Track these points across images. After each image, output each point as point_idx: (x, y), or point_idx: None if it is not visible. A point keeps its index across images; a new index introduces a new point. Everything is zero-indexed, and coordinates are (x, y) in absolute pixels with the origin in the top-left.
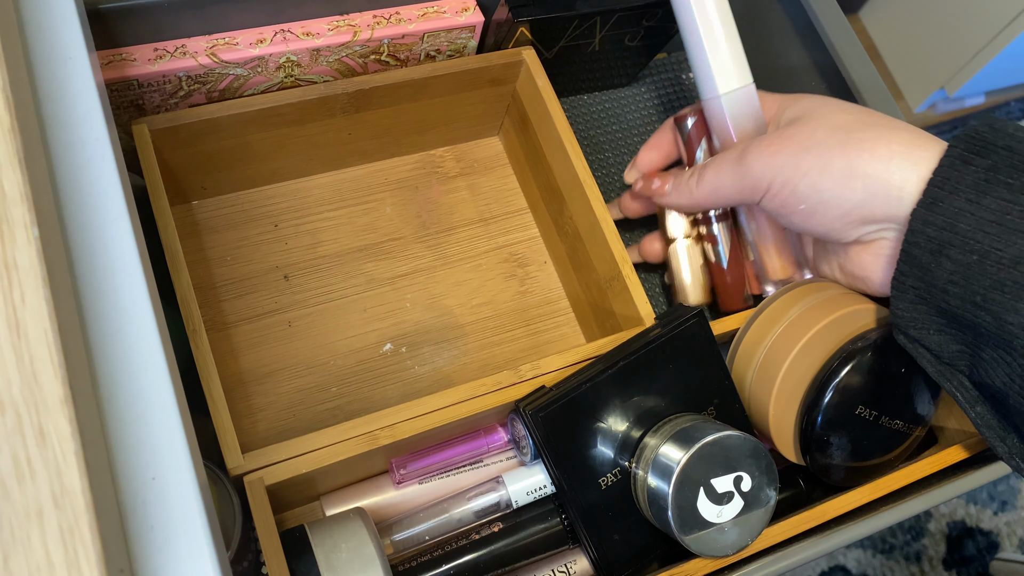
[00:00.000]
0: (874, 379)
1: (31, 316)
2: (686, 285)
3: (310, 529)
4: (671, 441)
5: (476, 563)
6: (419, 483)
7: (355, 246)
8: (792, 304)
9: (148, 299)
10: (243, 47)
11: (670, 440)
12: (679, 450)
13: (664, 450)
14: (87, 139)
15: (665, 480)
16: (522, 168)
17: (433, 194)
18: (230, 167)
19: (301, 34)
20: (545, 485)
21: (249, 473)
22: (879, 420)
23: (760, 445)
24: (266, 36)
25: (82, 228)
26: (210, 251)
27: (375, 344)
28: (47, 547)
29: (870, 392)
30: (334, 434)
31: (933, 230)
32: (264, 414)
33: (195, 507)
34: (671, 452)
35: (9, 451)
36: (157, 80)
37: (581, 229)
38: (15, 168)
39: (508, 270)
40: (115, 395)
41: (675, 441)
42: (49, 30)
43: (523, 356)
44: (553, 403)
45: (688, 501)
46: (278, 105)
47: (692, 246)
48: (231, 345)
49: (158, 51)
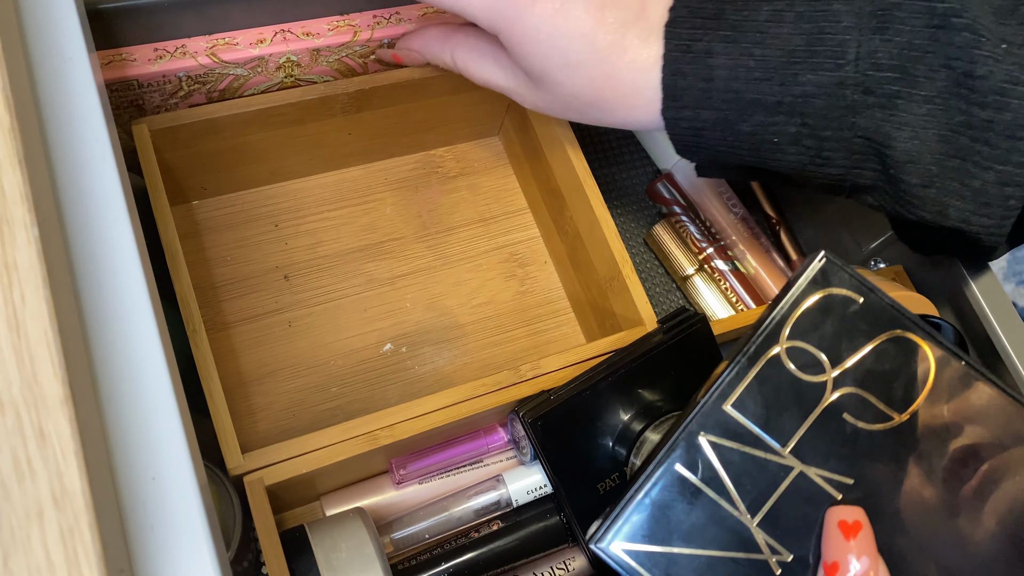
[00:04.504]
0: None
1: (31, 316)
2: (718, 314)
3: (310, 529)
4: None
5: (476, 561)
6: (419, 483)
7: (355, 246)
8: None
9: (148, 299)
10: (243, 47)
11: None
12: None
13: None
14: (87, 139)
15: None
16: (522, 168)
17: (433, 194)
18: (230, 167)
19: (301, 34)
20: (544, 484)
21: (249, 473)
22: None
23: None
24: (266, 36)
25: (82, 228)
26: (210, 251)
27: (375, 344)
28: (47, 547)
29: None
30: (334, 434)
31: (685, 124)
32: (264, 414)
33: (195, 507)
34: None
35: (9, 451)
36: (157, 80)
37: (581, 229)
38: (15, 168)
39: (508, 270)
40: (115, 395)
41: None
42: (49, 30)
43: (523, 356)
44: (552, 411)
45: None
46: (278, 105)
47: (706, 278)
48: (231, 345)
49: (158, 51)
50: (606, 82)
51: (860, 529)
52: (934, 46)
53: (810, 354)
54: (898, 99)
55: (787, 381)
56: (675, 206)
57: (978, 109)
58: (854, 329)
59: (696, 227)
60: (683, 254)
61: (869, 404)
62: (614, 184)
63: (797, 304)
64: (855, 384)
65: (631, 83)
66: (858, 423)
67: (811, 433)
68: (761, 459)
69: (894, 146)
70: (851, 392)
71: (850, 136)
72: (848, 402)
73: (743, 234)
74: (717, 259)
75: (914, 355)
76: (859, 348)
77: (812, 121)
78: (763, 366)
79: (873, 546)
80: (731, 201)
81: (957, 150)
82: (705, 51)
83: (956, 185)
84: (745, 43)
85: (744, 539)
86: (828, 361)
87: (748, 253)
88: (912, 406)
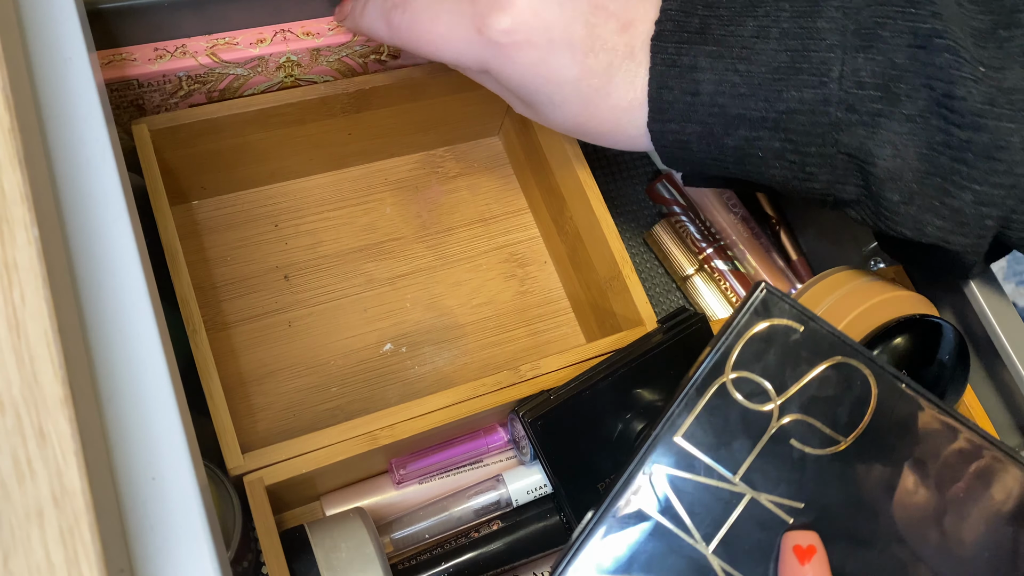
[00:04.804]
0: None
1: (31, 316)
2: (718, 314)
3: (310, 529)
4: None
5: (476, 561)
6: (419, 483)
7: (355, 246)
8: (827, 293)
9: (148, 299)
10: (243, 47)
11: None
12: None
13: None
14: (87, 139)
15: None
16: (522, 168)
17: (433, 194)
18: (230, 167)
19: (301, 34)
20: (544, 484)
21: (249, 473)
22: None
23: None
24: (266, 36)
25: (82, 228)
26: (210, 251)
27: (375, 344)
28: (47, 547)
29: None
30: (334, 434)
31: (671, 137)
32: (264, 414)
33: (195, 507)
34: None
35: (9, 451)
36: (157, 80)
37: (581, 229)
38: (15, 168)
39: (508, 270)
40: (115, 395)
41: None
42: (49, 30)
43: (523, 356)
44: (552, 410)
45: None
46: (278, 105)
47: (706, 278)
48: (231, 345)
49: (158, 51)
50: (591, 118)
51: (814, 553)
52: (915, 66)
53: (755, 383)
54: (880, 117)
55: (735, 410)
56: (675, 206)
57: (957, 129)
58: (797, 357)
59: (696, 227)
60: (683, 254)
61: (815, 429)
62: (614, 184)
63: (740, 335)
64: (800, 411)
65: (614, 121)
66: (805, 448)
67: (760, 460)
68: (713, 487)
69: (876, 163)
70: (797, 419)
71: (833, 152)
72: (795, 428)
73: (743, 234)
74: (717, 259)
75: (856, 380)
76: (802, 376)
77: (796, 137)
78: (711, 396)
79: (827, 569)
80: (731, 201)
81: (937, 169)
82: (691, 65)
83: (935, 203)
84: (730, 58)
85: (701, 567)
86: (773, 389)
87: (748, 253)
88: (856, 430)
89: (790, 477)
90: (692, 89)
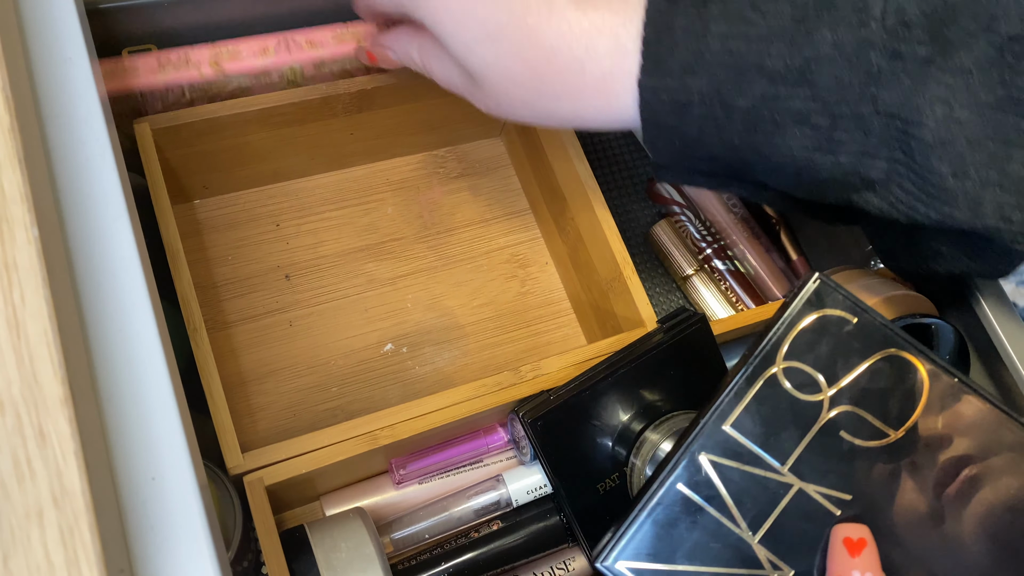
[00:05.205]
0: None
1: (31, 316)
2: (718, 314)
3: (310, 529)
4: (672, 439)
5: (476, 561)
6: (419, 483)
7: (356, 246)
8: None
9: (148, 299)
10: (247, 57)
11: (671, 438)
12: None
13: (664, 447)
14: (87, 139)
15: None
16: (524, 169)
17: (435, 194)
18: (232, 166)
19: (305, 44)
20: (544, 484)
21: (249, 473)
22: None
23: None
24: (269, 46)
25: (82, 228)
26: (211, 250)
27: (376, 344)
28: (47, 547)
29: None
30: (334, 434)
31: (667, 97)
32: (264, 414)
33: (195, 507)
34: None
35: (9, 451)
36: (160, 91)
37: (582, 230)
38: (15, 168)
39: (509, 271)
40: (115, 395)
41: (675, 439)
42: (49, 30)
43: (524, 357)
44: (552, 411)
45: None
46: (280, 105)
47: (706, 278)
48: (232, 344)
49: (161, 61)
50: (538, 55)
51: (865, 546)
52: (973, 5)
53: (806, 374)
54: (930, 66)
55: (785, 400)
56: (675, 206)
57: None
58: (849, 349)
59: (696, 227)
60: (683, 254)
61: (865, 421)
62: (614, 184)
63: (793, 325)
64: (851, 402)
65: (568, 53)
66: (855, 440)
67: (809, 451)
68: (761, 477)
69: (924, 124)
70: (847, 410)
71: (870, 112)
72: (844, 420)
73: (743, 234)
74: (717, 259)
75: (907, 373)
76: (854, 367)
77: (825, 93)
78: (761, 386)
79: (877, 563)
80: (731, 201)
81: (998, 131)
82: (698, 0)
83: (994, 174)
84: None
85: (746, 556)
86: (824, 380)
87: (748, 253)
88: (907, 423)
89: (838, 469)
90: (699, 30)
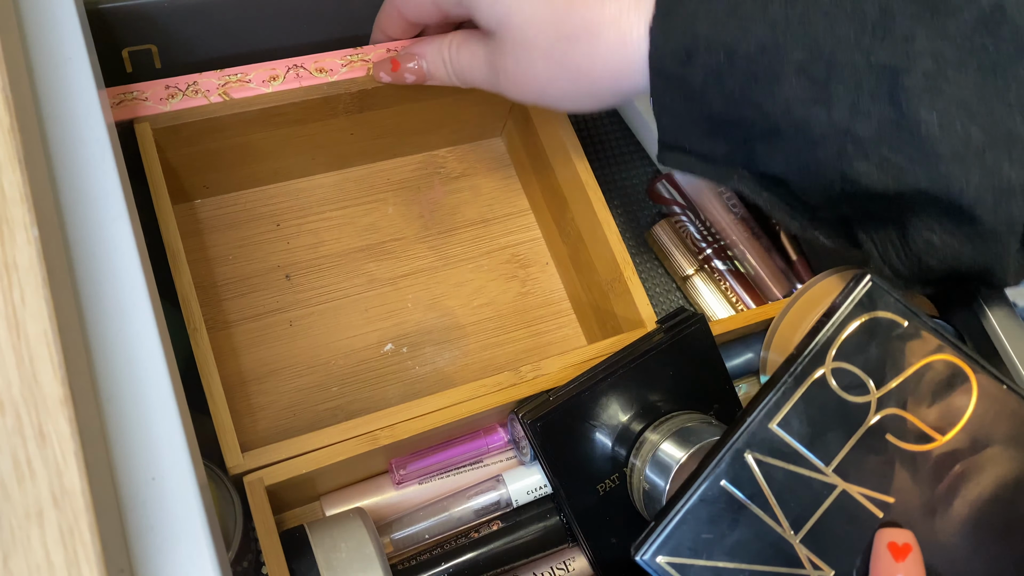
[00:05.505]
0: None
1: (31, 316)
2: (717, 314)
3: (310, 529)
4: (672, 439)
5: (475, 561)
6: (419, 483)
7: (357, 246)
8: (827, 293)
9: (148, 299)
10: (256, 84)
11: (670, 438)
12: (679, 449)
13: (664, 447)
14: (87, 139)
15: (663, 477)
16: (524, 169)
17: (435, 195)
18: (232, 166)
19: (314, 70)
20: (544, 485)
21: (249, 473)
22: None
23: None
24: (279, 72)
25: (82, 228)
26: (212, 250)
27: (376, 344)
28: (47, 547)
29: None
30: (334, 434)
31: (674, 42)
32: (264, 414)
33: (195, 507)
34: (671, 450)
35: (9, 451)
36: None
37: (583, 231)
38: (15, 168)
39: (510, 271)
40: (115, 395)
41: (675, 439)
42: (49, 30)
43: (524, 357)
44: (552, 411)
45: None
46: (281, 105)
47: (706, 278)
48: (232, 344)
49: (169, 89)
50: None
51: (910, 552)
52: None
53: (855, 375)
54: (919, 24)
55: (832, 401)
56: (675, 206)
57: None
58: (898, 352)
59: (696, 227)
60: (683, 254)
61: (912, 425)
62: (614, 184)
63: (843, 326)
64: (898, 405)
65: (593, 32)
66: (900, 443)
67: (854, 452)
68: (805, 477)
69: (913, 71)
70: (894, 413)
71: (863, 64)
72: (891, 423)
73: (743, 234)
74: (717, 259)
75: (957, 378)
76: (903, 370)
77: (822, 43)
78: (809, 387)
79: (922, 569)
80: (731, 201)
81: (979, 90)
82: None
83: (978, 130)
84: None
85: (787, 555)
86: (873, 382)
87: (748, 253)
88: (954, 428)
89: (883, 471)
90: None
